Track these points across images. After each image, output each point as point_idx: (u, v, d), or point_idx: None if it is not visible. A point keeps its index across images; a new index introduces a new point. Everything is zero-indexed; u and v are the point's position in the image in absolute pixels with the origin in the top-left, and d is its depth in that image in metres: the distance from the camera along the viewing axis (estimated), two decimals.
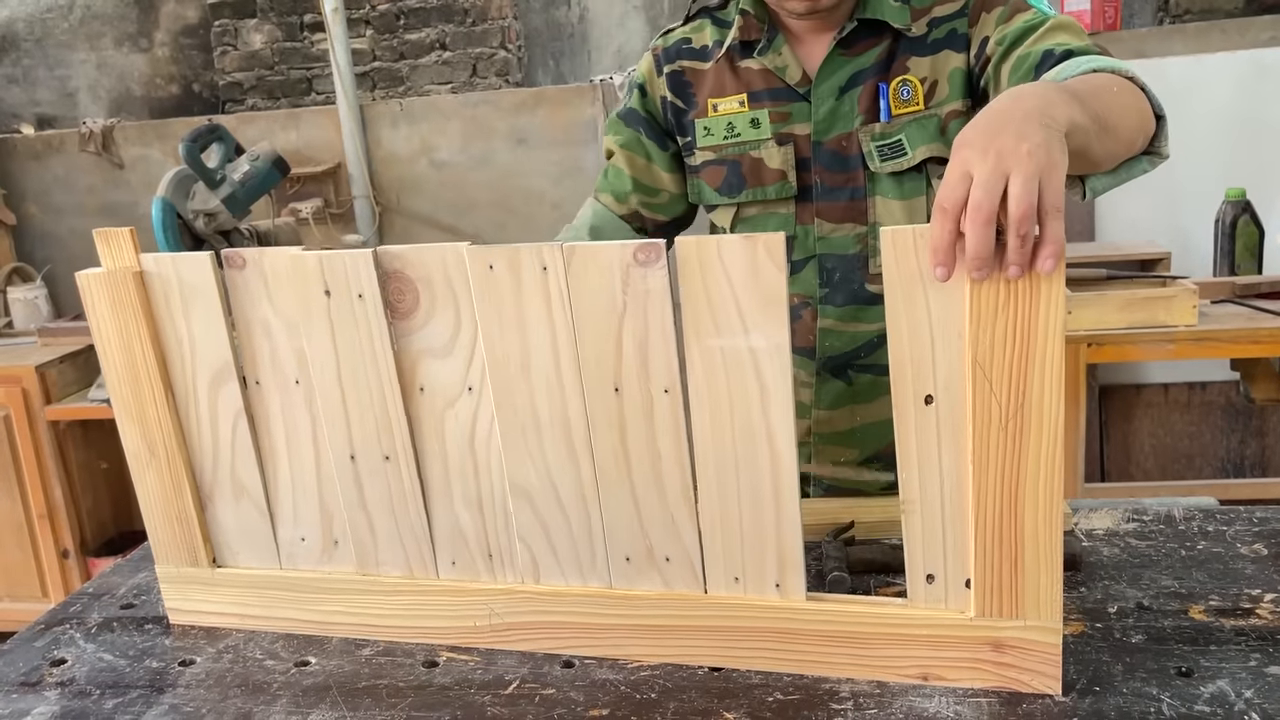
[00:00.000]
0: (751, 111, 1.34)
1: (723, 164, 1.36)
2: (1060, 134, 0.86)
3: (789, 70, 1.32)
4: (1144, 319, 2.41)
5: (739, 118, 1.35)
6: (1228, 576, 1.11)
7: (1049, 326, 0.85)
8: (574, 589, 1.06)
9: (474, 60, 3.79)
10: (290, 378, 1.09)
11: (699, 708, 0.96)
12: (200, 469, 1.15)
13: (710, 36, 1.39)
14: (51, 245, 3.76)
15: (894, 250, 0.87)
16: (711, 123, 1.37)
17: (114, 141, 3.67)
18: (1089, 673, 0.95)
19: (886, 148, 1.29)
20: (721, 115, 1.36)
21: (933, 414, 0.91)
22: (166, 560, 1.19)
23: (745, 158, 1.35)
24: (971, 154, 0.83)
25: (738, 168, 1.35)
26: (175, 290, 1.09)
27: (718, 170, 1.37)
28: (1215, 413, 3.11)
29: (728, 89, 1.36)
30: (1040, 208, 0.81)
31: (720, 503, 0.99)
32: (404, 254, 1.01)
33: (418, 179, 3.55)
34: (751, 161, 1.34)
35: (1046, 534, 0.89)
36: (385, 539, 1.11)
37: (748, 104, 1.34)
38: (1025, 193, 0.80)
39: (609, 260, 0.95)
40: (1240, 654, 0.97)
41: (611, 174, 1.44)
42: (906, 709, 0.93)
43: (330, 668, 1.08)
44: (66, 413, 2.94)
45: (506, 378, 1.01)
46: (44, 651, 1.16)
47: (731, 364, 0.95)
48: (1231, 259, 2.69)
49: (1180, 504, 1.30)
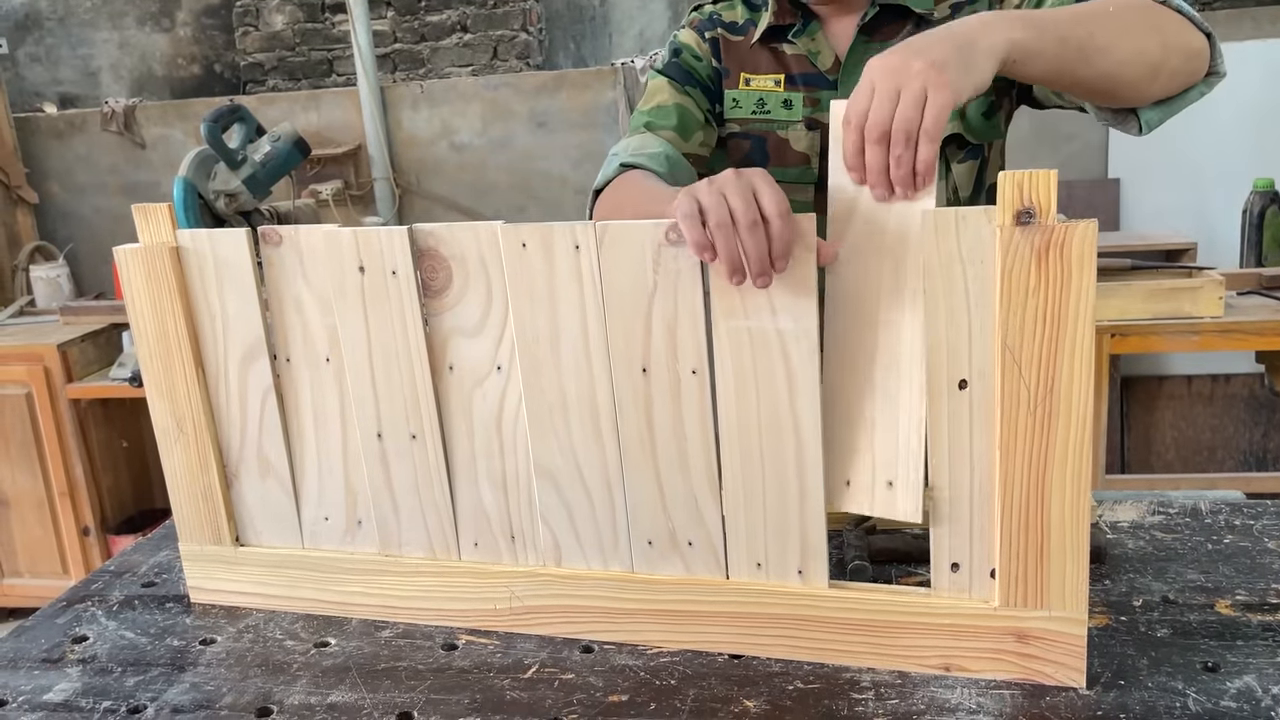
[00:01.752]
0: (787, 93, 1.33)
1: (747, 138, 1.35)
2: (984, 58, 0.89)
3: (821, 56, 1.31)
4: (1169, 309, 2.39)
5: (771, 96, 1.33)
6: (1255, 571, 1.10)
7: (1079, 311, 0.84)
8: (595, 572, 1.06)
9: (495, 43, 3.78)
10: (321, 355, 1.09)
11: (719, 695, 0.95)
12: (227, 446, 1.15)
13: (741, 14, 1.38)
14: (73, 224, 3.77)
15: (935, 232, 0.86)
16: (741, 95, 1.35)
17: (136, 121, 3.68)
18: (1113, 666, 0.95)
19: None
20: (753, 90, 1.34)
21: (966, 399, 0.90)
22: (190, 538, 1.19)
23: (771, 135, 1.33)
24: (878, 71, 0.88)
25: (763, 144, 1.34)
26: (210, 266, 1.09)
27: (741, 144, 1.36)
28: (1238, 405, 3.08)
29: (763, 68, 1.34)
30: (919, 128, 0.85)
31: (744, 487, 0.99)
32: (438, 232, 1.01)
33: (438, 161, 3.55)
34: (777, 140, 1.33)
35: (1073, 522, 0.88)
36: (409, 519, 1.11)
37: (784, 85, 1.33)
38: (906, 113, 0.85)
39: (641, 239, 0.94)
40: (1267, 649, 0.96)
41: (669, 113, 1.34)
42: (928, 700, 0.92)
43: (350, 649, 1.08)
44: (88, 391, 2.96)
45: (535, 357, 1.01)
46: (66, 628, 1.17)
47: (759, 346, 0.94)
48: (1259, 250, 2.67)
49: (1206, 497, 1.29)
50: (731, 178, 0.87)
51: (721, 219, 0.86)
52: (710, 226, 0.87)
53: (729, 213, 0.86)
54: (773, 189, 0.87)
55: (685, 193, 0.89)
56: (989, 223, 0.85)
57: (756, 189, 0.87)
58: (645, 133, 1.33)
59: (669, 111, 1.34)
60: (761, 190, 0.86)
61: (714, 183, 0.88)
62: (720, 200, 0.86)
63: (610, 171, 1.26)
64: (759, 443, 0.97)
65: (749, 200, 0.86)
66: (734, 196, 0.86)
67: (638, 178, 1.21)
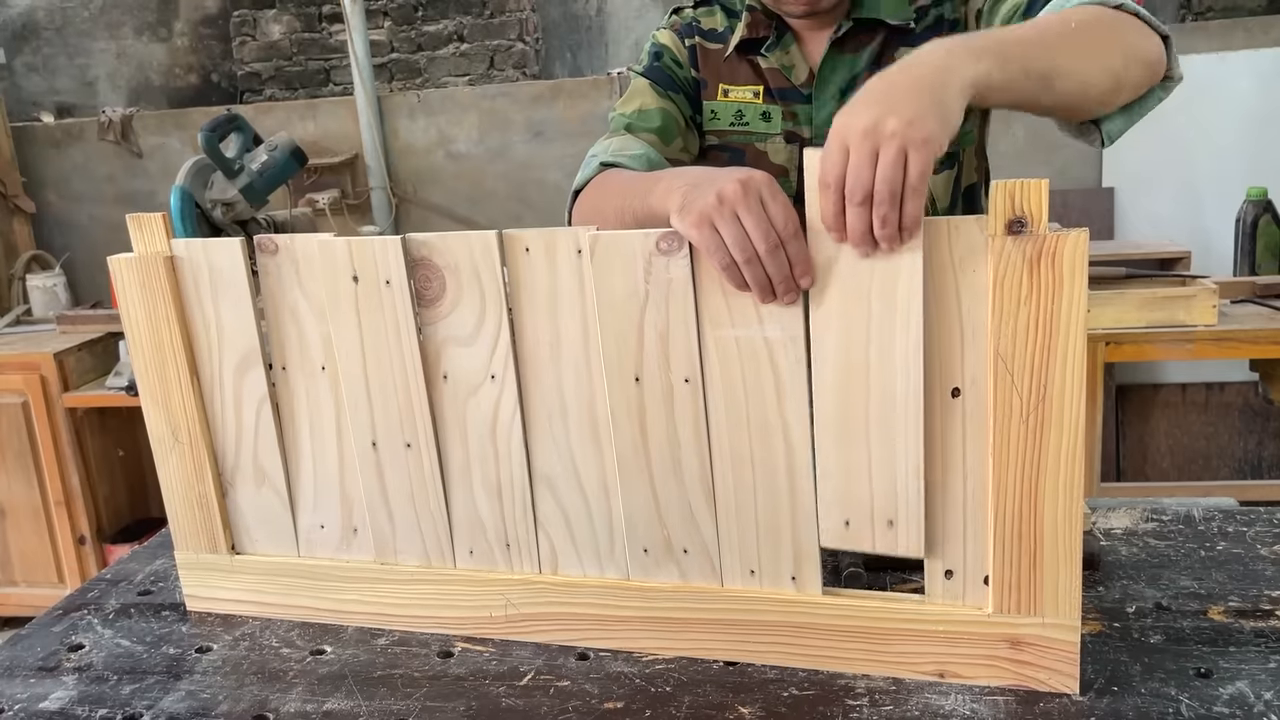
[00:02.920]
0: (765, 105, 1.32)
1: (725, 150, 1.35)
2: (953, 99, 0.86)
3: (796, 70, 1.31)
4: (1163, 318, 2.39)
5: (750, 108, 1.33)
6: (1248, 578, 1.10)
7: (1071, 320, 0.84)
8: (590, 580, 1.06)
9: (491, 52, 3.79)
10: (317, 364, 1.09)
11: (714, 702, 0.96)
12: (223, 455, 1.16)
13: (721, 22, 1.37)
14: (70, 233, 3.77)
15: (926, 241, 0.87)
16: (719, 107, 1.35)
17: (133, 130, 3.68)
18: (1107, 672, 0.95)
19: None
20: (731, 101, 1.34)
21: (958, 407, 0.90)
22: (186, 546, 1.19)
23: (750, 148, 1.33)
24: (849, 129, 0.84)
25: (741, 156, 1.33)
26: (205, 275, 1.10)
27: (720, 155, 1.35)
28: (1233, 414, 3.09)
29: (740, 79, 1.34)
30: (904, 185, 0.83)
31: (735, 495, 0.99)
32: (431, 241, 1.01)
33: (434, 170, 3.55)
34: (755, 153, 1.33)
35: (1066, 530, 0.89)
36: (404, 527, 1.11)
37: (762, 97, 1.32)
38: (888, 174, 0.82)
39: (632, 249, 0.94)
40: (1260, 655, 0.96)
41: (651, 116, 1.33)
42: (922, 706, 0.93)
43: (346, 656, 1.08)
44: (84, 400, 2.96)
45: (536, 362, 1.01)
46: (62, 637, 1.17)
47: (746, 355, 0.94)
48: (1252, 259, 2.67)
49: (1200, 504, 1.30)
50: (740, 195, 0.87)
51: (747, 254, 0.87)
52: (738, 262, 0.88)
53: (749, 242, 0.87)
54: (781, 205, 0.88)
55: (700, 217, 0.88)
56: (980, 232, 0.86)
57: (767, 207, 0.87)
58: (626, 134, 1.32)
59: (651, 115, 1.33)
60: (771, 208, 0.87)
61: (725, 201, 0.87)
62: (738, 229, 0.87)
63: (590, 172, 1.26)
64: (748, 451, 0.97)
65: (764, 224, 0.87)
66: (749, 221, 0.87)
67: (616, 174, 1.20)
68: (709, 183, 0.90)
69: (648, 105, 1.33)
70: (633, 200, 1.05)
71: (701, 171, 0.97)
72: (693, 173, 0.99)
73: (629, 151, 1.26)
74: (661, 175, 1.04)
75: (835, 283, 0.90)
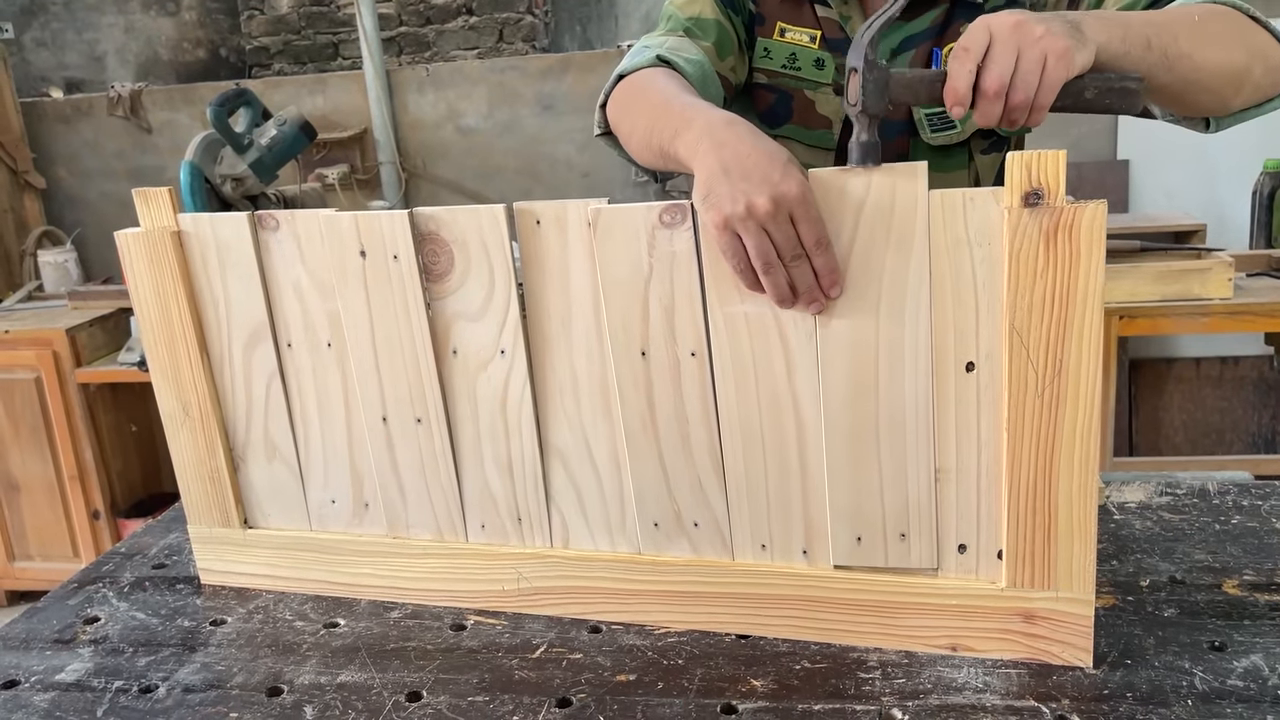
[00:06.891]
0: (820, 52, 1.28)
1: (774, 91, 1.31)
2: (1090, 44, 0.90)
3: (853, 23, 1.27)
4: (1178, 291, 2.38)
5: (805, 52, 1.29)
6: (1262, 551, 1.10)
7: (1088, 293, 0.83)
8: (602, 554, 1.06)
9: (500, 25, 3.77)
10: (322, 340, 1.09)
11: (726, 674, 0.96)
12: (233, 430, 1.16)
13: None
14: (81, 209, 3.78)
15: (942, 213, 0.86)
16: (774, 46, 1.30)
17: (142, 105, 3.67)
18: (1120, 646, 0.95)
19: (938, 117, 1.25)
20: (787, 42, 1.29)
21: (973, 381, 0.90)
22: (199, 521, 1.20)
23: (799, 94, 1.30)
24: (998, 22, 0.88)
25: (788, 100, 1.31)
26: (212, 250, 1.09)
27: (767, 95, 1.32)
28: (1247, 387, 3.07)
29: (800, 21, 1.29)
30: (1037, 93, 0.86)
31: (746, 469, 0.99)
32: (439, 215, 1.00)
33: (444, 145, 3.54)
34: (804, 101, 1.30)
35: (1081, 504, 0.88)
36: (415, 502, 1.11)
37: (819, 43, 1.28)
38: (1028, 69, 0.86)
39: (635, 223, 0.94)
40: (1274, 629, 0.96)
41: (709, 27, 1.26)
42: (935, 679, 0.93)
43: (359, 629, 1.09)
44: (96, 375, 2.97)
45: (548, 336, 1.01)
46: (77, 609, 1.17)
47: (755, 329, 0.94)
48: (1268, 231, 2.65)
49: (1214, 478, 1.29)
50: (770, 214, 0.86)
51: (768, 261, 0.87)
52: (758, 270, 0.88)
53: (773, 249, 0.87)
54: (811, 224, 0.87)
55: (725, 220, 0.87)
56: (997, 204, 0.85)
57: (798, 225, 0.87)
58: (684, 36, 1.26)
59: (709, 26, 1.28)
60: (801, 222, 0.87)
61: (754, 213, 0.86)
62: (763, 239, 0.87)
63: (642, 60, 1.19)
64: (759, 426, 0.97)
65: (792, 240, 0.87)
66: (776, 233, 0.87)
67: (667, 77, 1.15)
68: (740, 173, 0.87)
69: (706, 15, 1.28)
70: (662, 131, 1.01)
71: (734, 144, 0.90)
72: (725, 139, 0.92)
73: (685, 54, 1.21)
74: (693, 119, 0.97)
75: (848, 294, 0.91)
